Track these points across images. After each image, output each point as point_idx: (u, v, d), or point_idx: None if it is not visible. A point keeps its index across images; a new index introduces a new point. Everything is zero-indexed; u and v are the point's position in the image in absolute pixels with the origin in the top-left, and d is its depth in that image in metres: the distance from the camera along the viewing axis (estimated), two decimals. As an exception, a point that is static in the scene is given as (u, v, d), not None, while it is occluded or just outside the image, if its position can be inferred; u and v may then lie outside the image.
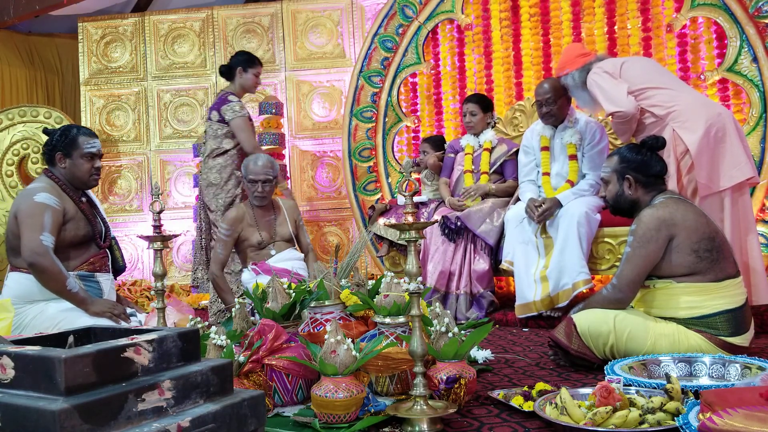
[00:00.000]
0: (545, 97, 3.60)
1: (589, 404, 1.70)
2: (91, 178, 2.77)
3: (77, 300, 2.61)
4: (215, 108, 4.03)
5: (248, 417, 1.31)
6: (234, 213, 3.46)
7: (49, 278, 2.56)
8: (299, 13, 5.75)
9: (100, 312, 2.61)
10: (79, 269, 2.72)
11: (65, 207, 2.68)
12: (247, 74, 4.09)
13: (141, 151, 5.90)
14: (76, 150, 2.72)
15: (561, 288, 3.34)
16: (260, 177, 3.40)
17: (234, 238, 3.41)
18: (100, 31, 5.93)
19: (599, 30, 4.33)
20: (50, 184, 2.71)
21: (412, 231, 1.73)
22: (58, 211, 2.63)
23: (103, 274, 2.81)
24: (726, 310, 2.28)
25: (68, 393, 1.08)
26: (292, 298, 2.29)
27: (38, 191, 2.64)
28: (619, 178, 2.50)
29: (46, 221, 2.57)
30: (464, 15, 4.75)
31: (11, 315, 2.51)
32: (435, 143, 4.40)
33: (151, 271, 2.15)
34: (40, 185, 2.70)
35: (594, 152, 3.61)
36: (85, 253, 2.76)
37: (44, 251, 2.53)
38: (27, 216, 2.57)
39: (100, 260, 2.80)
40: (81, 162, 2.73)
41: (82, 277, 2.71)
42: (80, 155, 2.73)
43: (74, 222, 2.70)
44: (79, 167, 2.73)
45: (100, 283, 2.77)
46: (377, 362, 2.03)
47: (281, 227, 3.51)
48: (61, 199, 2.68)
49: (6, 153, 5.29)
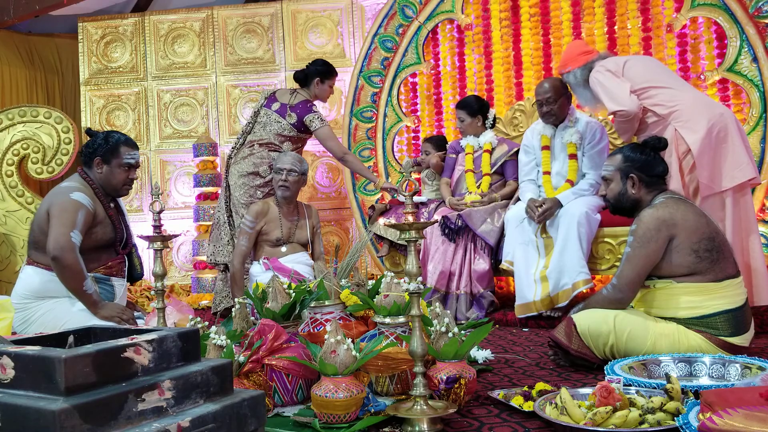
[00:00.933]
0: (545, 96, 3.60)
1: (589, 404, 1.70)
2: (124, 187, 2.83)
3: (89, 301, 2.63)
4: (297, 111, 4.13)
5: (248, 417, 1.31)
6: (259, 206, 3.59)
7: (70, 275, 2.57)
8: (299, 13, 5.75)
9: (108, 317, 2.63)
10: (96, 271, 2.75)
11: (96, 210, 2.71)
12: (324, 86, 4.23)
13: (141, 151, 5.89)
14: (116, 158, 2.76)
15: (561, 288, 3.34)
16: (286, 166, 3.57)
17: (257, 231, 3.49)
18: (100, 31, 5.93)
19: (599, 30, 4.33)
20: (84, 185, 2.74)
21: (412, 231, 1.73)
22: (90, 212, 2.67)
23: (119, 279, 2.84)
24: (726, 310, 2.28)
25: (68, 393, 1.08)
26: (292, 298, 2.29)
27: (74, 190, 2.68)
28: (622, 176, 2.50)
29: (79, 219, 2.59)
30: (464, 15, 4.75)
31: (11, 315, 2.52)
32: (436, 143, 4.41)
33: (151, 271, 2.15)
34: (75, 185, 2.73)
35: (594, 152, 3.61)
36: (105, 256, 2.79)
37: (71, 247, 2.55)
38: (61, 210, 2.59)
39: (117, 265, 2.84)
40: (118, 171, 2.77)
41: (98, 280, 2.74)
42: (119, 164, 2.77)
43: (102, 226, 2.74)
44: (116, 176, 2.78)
45: (114, 287, 2.80)
46: (377, 362, 2.03)
47: (300, 231, 3.62)
48: (93, 201, 2.72)
49: (6, 153, 5.29)
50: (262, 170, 4.04)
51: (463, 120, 4.11)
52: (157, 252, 2.11)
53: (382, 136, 4.96)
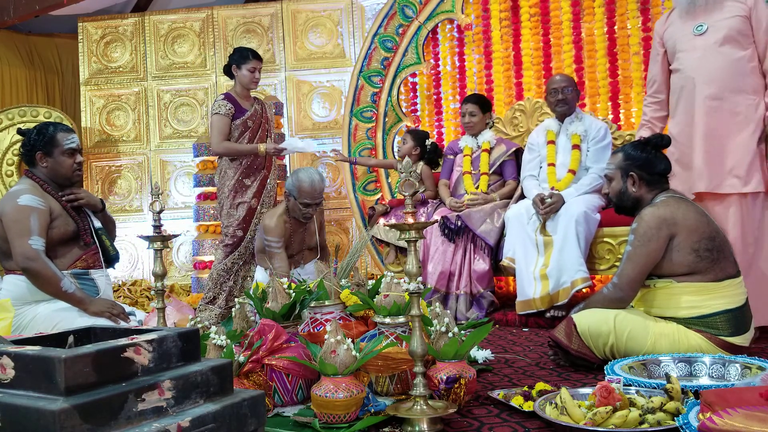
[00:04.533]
0: (561, 85, 3.69)
1: (589, 404, 1.70)
2: (75, 173, 2.76)
3: (75, 300, 2.61)
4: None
5: (248, 417, 1.31)
6: (275, 222, 3.45)
7: (44, 282, 2.56)
8: (299, 13, 5.75)
9: (99, 312, 2.60)
10: (72, 267, 2.71)
11: (50, 206, 2.67)
12: (242, 71, 3.95)
13: (141, 151, 5.90)
14: (56, 147, 2.71)
15: (561, 286, 3.34)
16: (316, 200, 3.43)
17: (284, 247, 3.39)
18: (100, 31, 5.93)
19: (599, 30, 4.33)
20: (32, 185, 2.70)
21: (412, 231, 1.73)
22: (43, 211, 2.62)
23: (98, 270, 2.80)
24: (726, 309, 2.28)
25: (68, 393, 1.08)
26: (292, 298, 2.29)
27: (21, 194, 2.63)
28: (623, 175, 2.50)
29: (33, 225, 2.56)
30: (464, 15, 4.75)
31: (11, 315, 2.51)
32: (416, 136, 4.37)
33: (151, 271, 2.15)
34: (23, 187, 2.68)
35: (598, 147, 3.66)
36: (75, 250, 2.74)
37: (35, 255, 2.53)
38: (12, 221, 2.57)
39: (92, 256, 2.79)
40: (63, 159, 2.72)
41: (77, 275, 2.70)
42: (61, 152, 2.72)
43: (61, 220, 2.69)
44: (62, 164, 2.72)
45: (95, 281, 2.77)
46: (377, 362, 2.03)
47: (310, 236, 3.54)
48: (44, 198, 2.67)
49: (6, 153, 5.29)
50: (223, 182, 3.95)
51: (474, 114, 4.08)
52: (157, 252, 2.11)
53: (382, 136, 4.95)
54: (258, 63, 4.00)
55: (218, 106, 3.89)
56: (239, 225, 3.89)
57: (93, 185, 5.90)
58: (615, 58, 4.27)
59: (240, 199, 3.94)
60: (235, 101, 3.94)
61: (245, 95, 4.03)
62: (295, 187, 3.43)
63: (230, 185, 3.93)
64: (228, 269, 3.93)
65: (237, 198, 3.93)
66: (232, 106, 3.91)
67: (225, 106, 3.89)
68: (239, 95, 3.99)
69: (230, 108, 3.90)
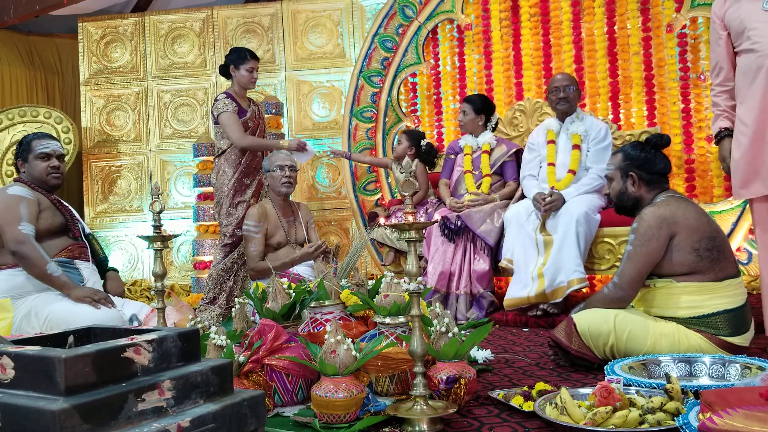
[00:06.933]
0: (563, 83, 3.70)
1: (589, 404, 1.70)
2: (50, 176, 2.88)
3: (59, 284, 2.68)
4: (212, 110, 4.02)
5: (248, 417, 1.31)
6: (258, 209, 3.52)
7: (32, 264, 2.66)
8: (299, 13, 5.75)
9: (81, 296, 2.66)
10: (59, 256, 2.80)
11: (39, 198, 2.81)
12: (240, 71, 3.97)
13: (141, 151, 5.90)
14: (30, 153, 2.87)
15: (556, 285, 3.35)
16: (287, 162, 3.53)
17: (263, 233, 3.44)
18: (100, 31, 5.93)
19: (599, 30, 4.33)
20: (21, 183, 2.87)
21: (412, 231, 1.73)
22: (32, 201, 2.76)
23: (83, 262, 2.89)
24: (726, 309, 2.28)
25: (68, 393, 1.08)
26: (292, 298, 2.29)
27: (11, 186, 2.82)
28: (622, 175, 2.50)
29: (23, 211, 2.70)
30: (464, 15, 4.75)
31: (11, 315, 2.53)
32: (411, 136, 4.37)
33: (151, 271, 2.15)
34: (12, 185, 2.87)
35: (598, 148, 3.66)
36: (62, 241, 2.85)
37: (25, 239, 2.65)
38: (4, 209, 2.70)
39: (79, 248, 2.89)
40: (36, 162, 2.86)
41: (62, 263, 2.78)
42: (35, 156, 2.86)
43: (49, 212, 2.83)
44: (36, 168, 2.86)
45: (80, 270, 2.84)
46: (377, 362, 2.03)
47: (297, 230, 3.57)
48: (33, 192, 2.81)
49: (6, 153, 5.30)
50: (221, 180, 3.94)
51: (466, 113, 4.09)
52: (157, 252, 2.11)
53: (382, 136, 4.96)
54: (256, 63, 4.03)
55: (224, 104, 3.90)
56: (239, 225, 3.89)
57: (93, 185, 5.90)
58: (615, 58, 4.27)
59: (239, 199, 3.94)
60: (236, 101, 3.95)
61: (243, 95, 4.05)
62: (268, 159, 3.61)
63: (230, 184, 3.92)
64: (228, 269, 3.93)
65: (236, 197, 3.93)
66: (236, 105, 3.93)
67: (231, 105, 3.91)
68: (238, 95, 4.00)
69: (235, 106, 3.92)
